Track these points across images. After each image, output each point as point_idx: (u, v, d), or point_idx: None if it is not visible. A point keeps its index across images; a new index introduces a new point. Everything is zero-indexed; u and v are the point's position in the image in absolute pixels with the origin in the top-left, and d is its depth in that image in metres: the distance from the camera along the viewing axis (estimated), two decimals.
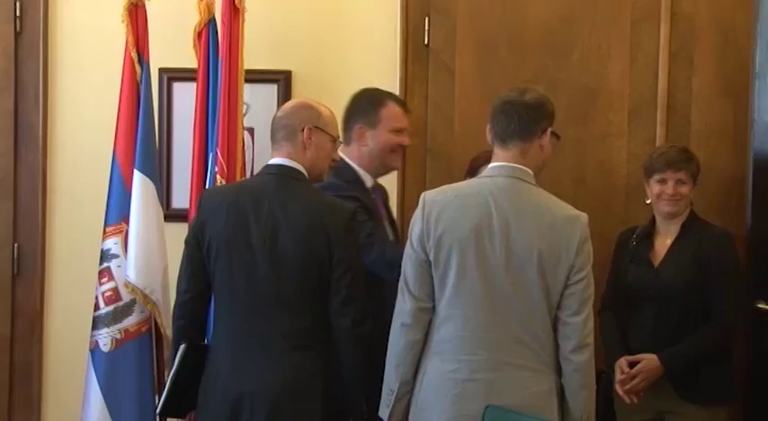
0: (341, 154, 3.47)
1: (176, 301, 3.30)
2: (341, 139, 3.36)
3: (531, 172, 2.96)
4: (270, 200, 3.12)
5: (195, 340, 3.25)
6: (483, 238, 2.87)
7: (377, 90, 3.71)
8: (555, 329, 2.91)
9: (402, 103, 3.72)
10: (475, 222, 2.88)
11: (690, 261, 3.59)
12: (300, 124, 3.19)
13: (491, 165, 3.01)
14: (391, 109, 3.59)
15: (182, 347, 3.21)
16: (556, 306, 2.89)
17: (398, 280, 3.01)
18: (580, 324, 2.89)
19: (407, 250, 2.97)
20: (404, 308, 2.94)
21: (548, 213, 2.91)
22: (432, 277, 2.93)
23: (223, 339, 3.17)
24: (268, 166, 3.23)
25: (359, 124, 3.57)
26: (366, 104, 3.60)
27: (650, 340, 3.59)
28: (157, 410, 3.29)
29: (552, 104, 3.04)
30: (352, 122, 3.59)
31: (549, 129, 3.01)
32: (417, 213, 2.97)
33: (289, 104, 3.35)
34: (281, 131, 3.21)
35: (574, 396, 2.90)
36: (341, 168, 3.48)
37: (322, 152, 3.23)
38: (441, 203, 2.94)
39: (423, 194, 3.02)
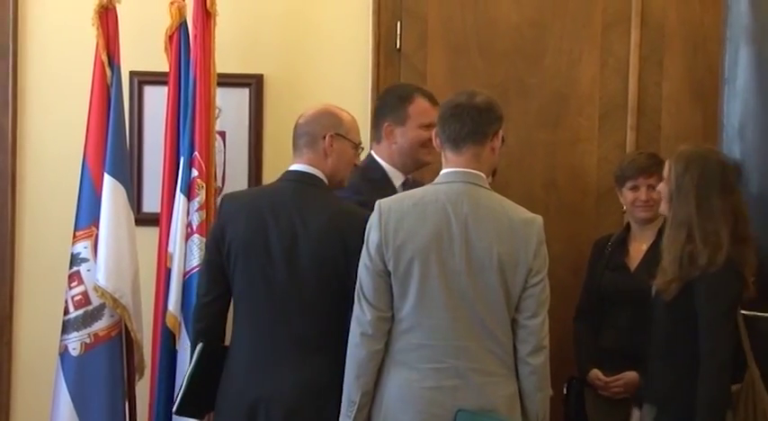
0: (372, 152, 3.50)
1: (196, 304, 3.32)
2: (362, 146, 3.32)
3: (484, 176, 2.95)
4: (288, 206, 3.11)
5: (213, 342, 3.25)
6: (443, 245, 2.85)
7: (405, 86, 3.70)
8: (513, 332, 2.91)
9: (431, 96, 3.58)
10: (434, 230, 2.86)
11: None
12: (322, 131, 3.18)
13: (444, 170, 2.98)
14: (419, 104, 3.53)
15: (198, 347, 3.21)
16: (514, 309, 2.89)
17: None
18: (537, 326, 2.87)
19: (364, 259, 2.93)
20: (363, 318, 2.90)
21: (505, 217, 2.89)
22: (389, 286, 2.89)
23: (241, 342, 3.17)
24: (288, 173, 3.22)
25: (387, 121, 3.53)
26: (394, 101, 3.56)
27: (624, 341, 3.62)
28: (174, 409, 3.28)
29: (500, 107, 3.01)
30: (381, 120, 3.55)
31: (500, 132, 2.99)
32: (373, 222, 2.92)
33: (310, 111, 3.27)
34: (303, 138, 3.20)
35: (530, 398, 2.90)
36: (370, 167, 3.49)
37: (343, 158, 3.22)
38: (398, 212, 2.90)
39: (378, 202, 2.97)
